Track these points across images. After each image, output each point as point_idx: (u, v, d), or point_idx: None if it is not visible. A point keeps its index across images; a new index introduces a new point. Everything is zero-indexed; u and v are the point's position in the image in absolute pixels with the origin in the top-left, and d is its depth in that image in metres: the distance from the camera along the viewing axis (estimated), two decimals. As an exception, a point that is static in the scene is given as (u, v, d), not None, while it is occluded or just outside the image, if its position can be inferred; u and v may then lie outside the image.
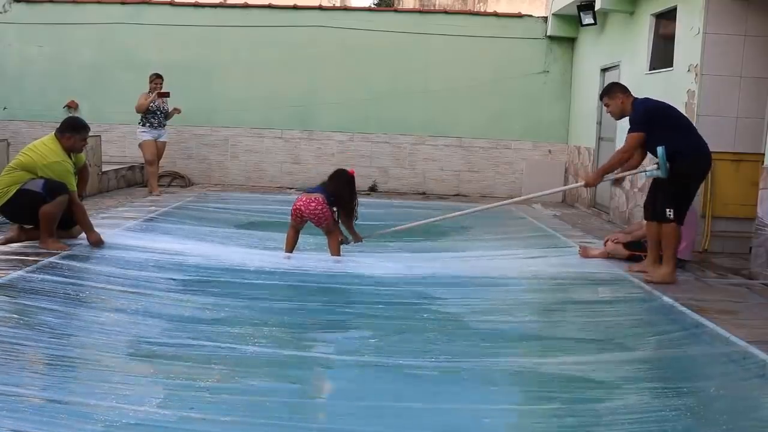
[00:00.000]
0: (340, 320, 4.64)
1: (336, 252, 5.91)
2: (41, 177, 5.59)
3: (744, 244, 6.64)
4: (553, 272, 5.78)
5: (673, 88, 7.46)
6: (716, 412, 3.23)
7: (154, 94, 9.79)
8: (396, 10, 14.37)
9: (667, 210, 5.42)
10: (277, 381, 3.52)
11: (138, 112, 9.83)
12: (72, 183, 5.70)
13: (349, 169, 6.11)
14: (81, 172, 6.11)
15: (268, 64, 11.71)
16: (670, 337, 4.29)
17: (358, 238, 6.18)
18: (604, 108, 5.87)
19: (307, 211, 5.79)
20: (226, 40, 11.69)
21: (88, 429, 2.78)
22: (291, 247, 5.97)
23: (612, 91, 5.74)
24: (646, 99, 5.75)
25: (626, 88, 5.78)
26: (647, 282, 5.32)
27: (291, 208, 5.91)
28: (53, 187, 5.55)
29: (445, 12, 12.88)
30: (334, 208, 5.89)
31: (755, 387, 3.53)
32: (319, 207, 5.77)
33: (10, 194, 5.58)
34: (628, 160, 5.67)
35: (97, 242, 5.79)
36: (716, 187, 6.87)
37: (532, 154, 11.87)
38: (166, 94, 9.91)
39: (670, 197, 5.45)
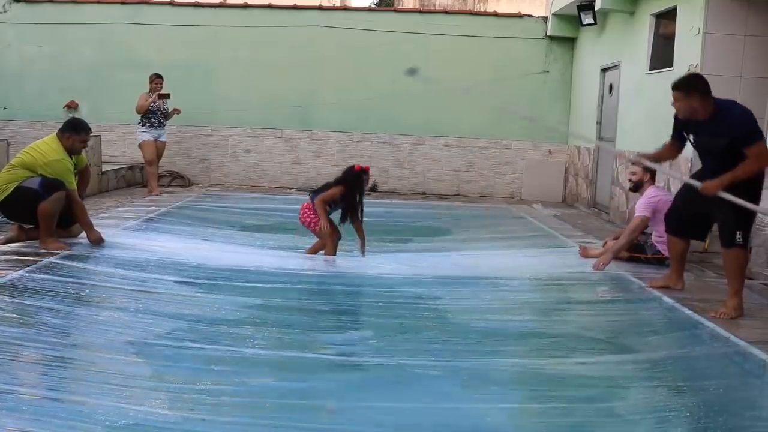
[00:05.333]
0: (339, 320, 4.64)
1: (330, 253, 5.92)
2: (40, 175, 5.59)
3: (744, 244, 6.62)
4: (553, 272, 5.78)
5: (673, 88, 7.45)
6: (716, 411, 3.23)
7: (154, 95, 9.78)
8: (396, 10, 14.39)
9: (737, 233, 4.56)
10: (276, 381, 3.51)
11: (138, 113, 9.82)
12: (72, 181, 5.70)
13: (358, 165, 6.04)
14: (82, 174, 6.12)
15: (268, 64, 11.70)
16: (670, 337, 4.30)
17: (361, 238, 6.08)
18: (672, 99, 4.73)
19: (300, 218, 5.98)
20: (226, 40, 11.68)
21: (88, 428, 2.78)
22: (312, 249, 6.10)
23: (691, 91, 4.57)
24: (734, 102, 4.69)
25: (709, 88, 4.60)
26: (713, 317, 4.39)
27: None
28: (50, 184, 5.55)
29: (445, 12, 12.89)
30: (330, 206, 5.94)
31: (755, 387, 3.54)
32: (302, 211, 5.94)
33: (8, 191, 5.59)
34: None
35: (97, 241, 5.79)
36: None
37: (532, 154, 11.86)
38: (167, 96, 9.90)
39: (740, 217, 4.52)
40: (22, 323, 3.84)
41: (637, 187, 6.17)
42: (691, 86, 4.60)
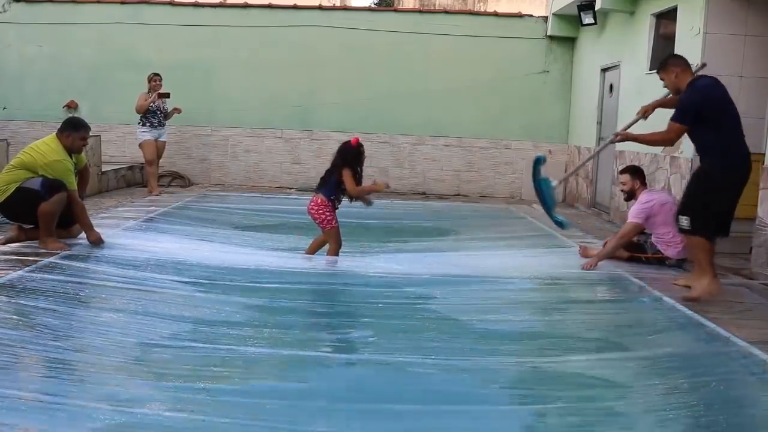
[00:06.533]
0: (339, 320, 4.64)
1: (332, 253, 5.91)
2: (41, 175, 5.59)
3: (744, 244, 6.63)
4: (553, 272, 5.78)
5: (673, 88, 7.44)
6: (716, 411, 3.22)
7: (154, 95, 9.78)
8: (396, 10, 14.37)
9: (681, 218, 4.92)
10: (276, 381, 3.51)
11: (138, 112, 9.82)
12: (72, 182, 5.70)
13: (354, 139, 5.93)
14: (82, 174, 6.11)
15: (268, 64, 11.70)
16: (669, 336, 4.29)
17: (370, 191, 6.06)
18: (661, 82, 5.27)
19: (310, 212, 5.86)
20: (226, 40, 11.68)
21: (87, 428, 2.78)
22: (312, 249, 6.05)
23: (666, 66, 5.13)
24: (704, 86, 4.97)
25: (685, 61, 5.17)
26: (687, 300, 4.75)
27: None
28: (51, 185, 5.55)
29: (445, 12, 12.87)
30: (332, 197, 5.85)
31: (755, 387, 3.54)
32: (315, 207, 5.83)
33: (9, 192, 5.58)
34: (665, 146, 5.13)
35: (97, 241, 5.79)
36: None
37: (532, 154, 11.80)
38: (167, 95, 9.90)
39: (686, 203, 4.94)
40: (22, 323, 3.84)
41: (630, 196, 6.19)
42: (668, 62, 5.18)
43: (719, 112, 4.90)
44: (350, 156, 5.81)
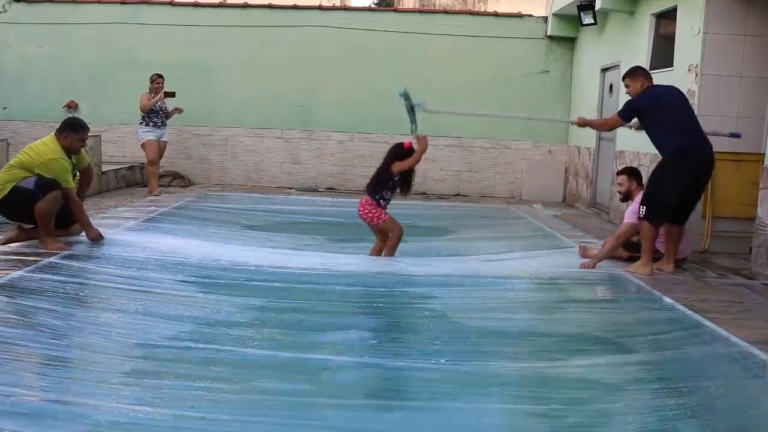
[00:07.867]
0: (340, 320, 4.64)
1: (389, 253, 5.94)
2: (36, 174, 5.58)
3: (744, 244, 6.63)
4: (553, 272, 5.78)
5: (673, 88, 7.45)
6: (717, 411, 3.23)
7: (160, 94, 9.79)
8: (396, 10, 14.36)
9: (641, 208, 5.68)
10: (276, 382, 3.51)
11: (143, 111, 9.82)
12: (68, 180, 5.69)
13: (408, 142, 6.25)
14: (84, 173, 6.11)
15: (268, 64, 11.70)
16: (670, 337, 4.29)
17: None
18: (624, 88, 6.08)
19: (360, 215, 5.93)
20: (226, 40, 11.68)
21: (87, 429, 2.78)
22: (374, 251, 6.06)
23: (635, 74, 5.95)
24: (659, 93, 5.82)
25: (649, 74, 6.00)
26: (626, 271, 5.73)
27: None
28: (45, 184, 5.54)
29: (445, 12, 12.87)
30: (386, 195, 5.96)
31: (755, 387, 3.54)
32: (361, 208, 5.90)
33: (5, 192, 5.58)
34: (602, 131, 6.11)
35: (96, 238, 5.79)
36: (716, 187, 6.86)
37: (532, 154, 11.86)
38: (172, 94, 9.90)
39: (644, 195, 5.75)
40: (22, 323, 3.83)
41: (626, 197, 6.21)
42: (639, 72, 5.98)
43: (670, 115, 5.64)
44: (402, 154, 6.09)
